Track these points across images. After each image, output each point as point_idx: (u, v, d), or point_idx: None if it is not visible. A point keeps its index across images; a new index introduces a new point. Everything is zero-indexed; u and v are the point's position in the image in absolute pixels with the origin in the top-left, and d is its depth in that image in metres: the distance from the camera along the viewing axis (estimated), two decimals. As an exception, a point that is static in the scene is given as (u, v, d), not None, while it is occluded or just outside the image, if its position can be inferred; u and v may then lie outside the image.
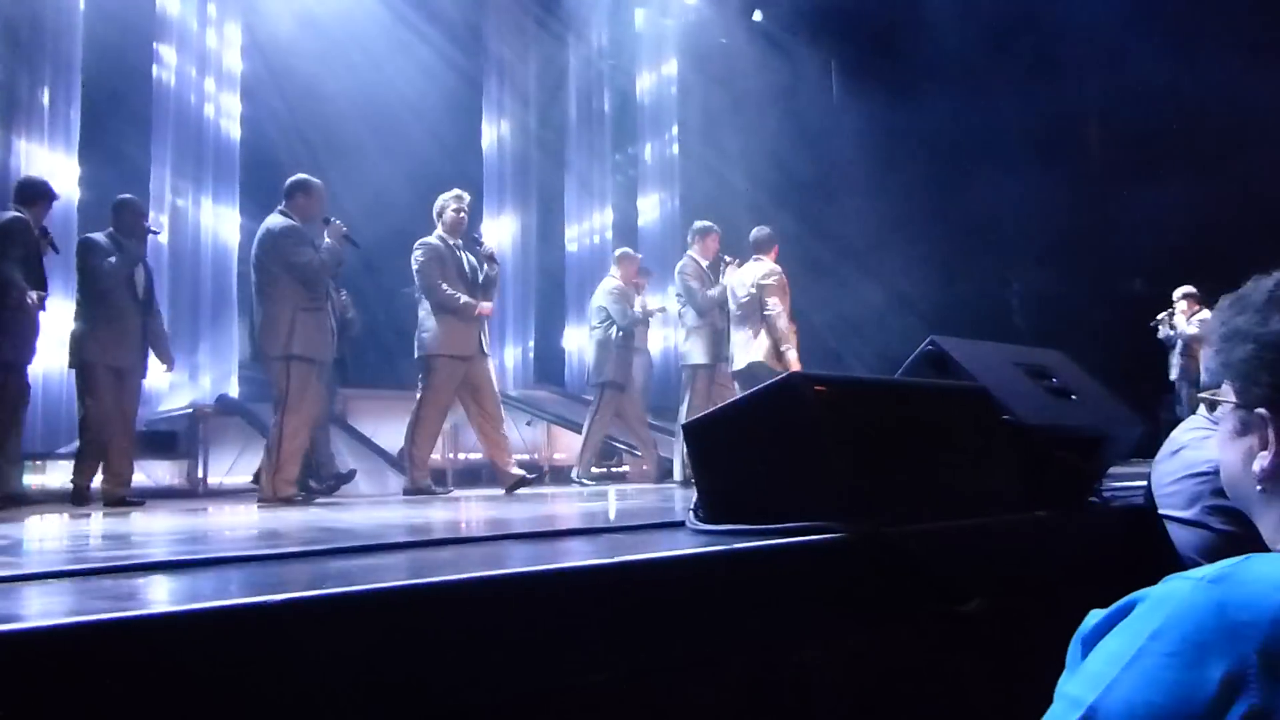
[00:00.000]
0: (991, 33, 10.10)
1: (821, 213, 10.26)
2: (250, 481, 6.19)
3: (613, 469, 9.62)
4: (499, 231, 11.26)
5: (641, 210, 12.84)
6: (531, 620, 1.11)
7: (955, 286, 9.79)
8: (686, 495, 3.63)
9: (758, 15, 12.39)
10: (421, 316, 5.82)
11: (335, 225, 5.51)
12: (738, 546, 1.44)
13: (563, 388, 11.21)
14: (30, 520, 3.88)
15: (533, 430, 9.44)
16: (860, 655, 1.44)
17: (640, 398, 7.68)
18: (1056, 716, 0.84)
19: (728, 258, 7.17)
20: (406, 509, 3.95)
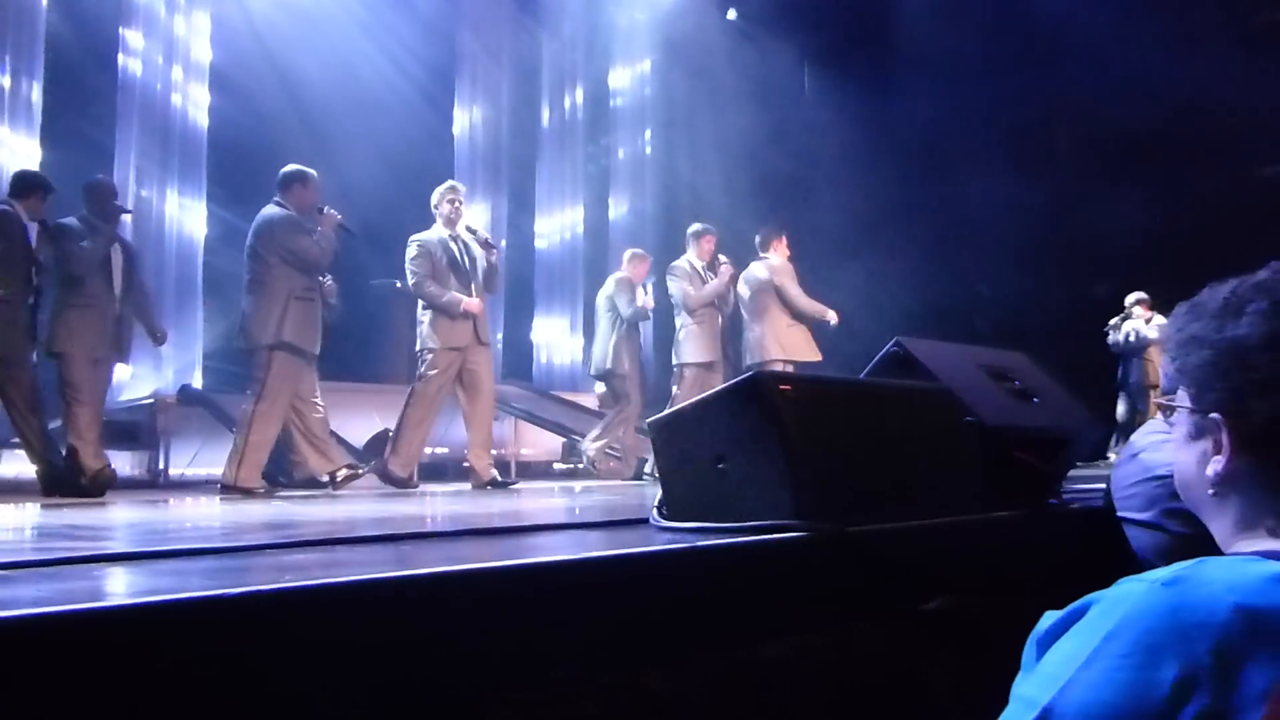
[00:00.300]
0: (967, 32, 10.18)
1: (794, 211, 10.28)
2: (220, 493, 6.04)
3: (580, 465, 9.60)
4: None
5: (613, 206, 12.82)
6: (491, 616, 1.10)
7: (923, 286, 9.86)
8: (654, 493, 3.63)
9: (732, 14, 12.41)
10: (419, 311, 5.84)
11: (330, 214, 5.47)
12: (701, 544, 1.44)
13: (530, 382, 11.17)
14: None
15: (499, 425, 9.39)
16: (821, 653, 1.44)
17: (641, 396, 7.72)
18: (1012, 717, 0.84)
19: (723, 258, 7.28)
20: (370, 503, 3.92)
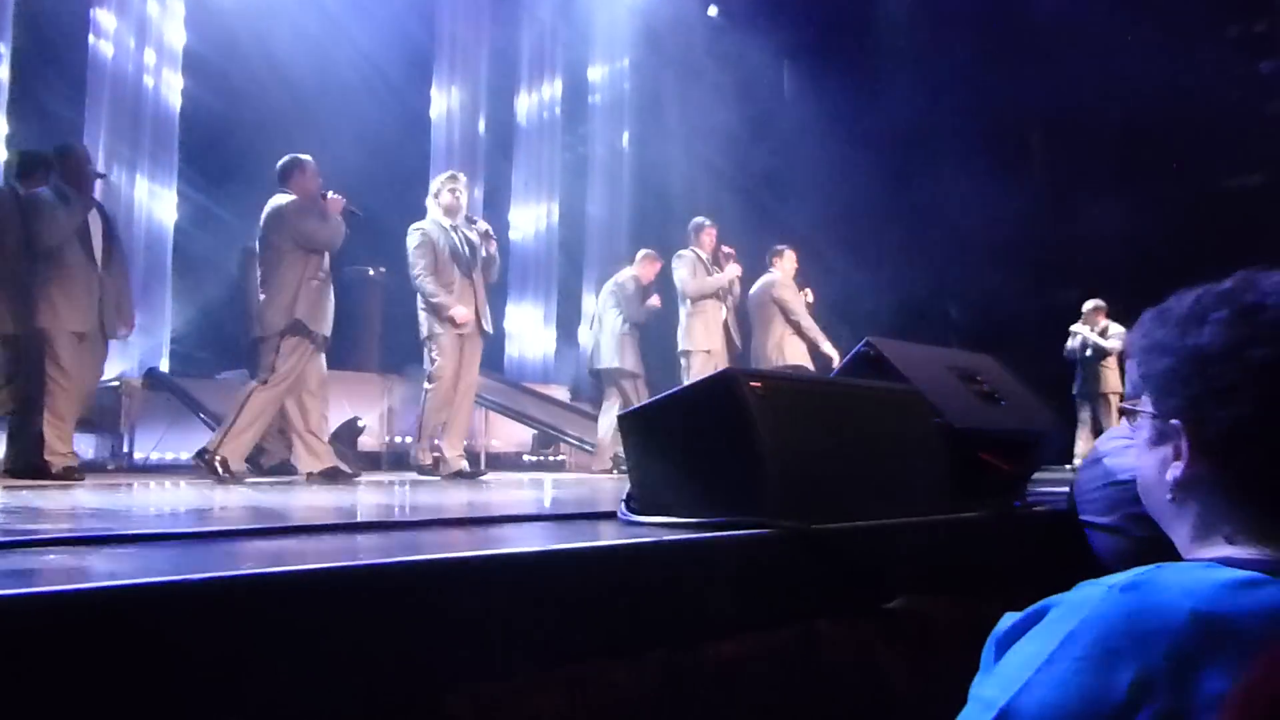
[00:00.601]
0: (946, 33, 10.24)
1: (771, 207, 10.32)
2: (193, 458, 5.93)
3: (550, 458, 9.60)
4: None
5: (589, 199, 12.79)
6: (453, 608, 1.09)
7: (897, 286, 9.92)
8: (622, 487, 3.63)
9: (713, 10, 12.41)
10: (420, 299, 5.88)
11: (335, 199, 5.47)
12: (667, 539, 1.44)
13: (501, 374, 11.13)
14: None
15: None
16: (784, 650, 1.45)
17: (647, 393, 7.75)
18: (970, 717, 0.85)
19: (726, 248, 7.40)
20: (336, 493, 3.90)
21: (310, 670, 0.96)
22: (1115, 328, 9.20)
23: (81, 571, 1.16)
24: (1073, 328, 9.45)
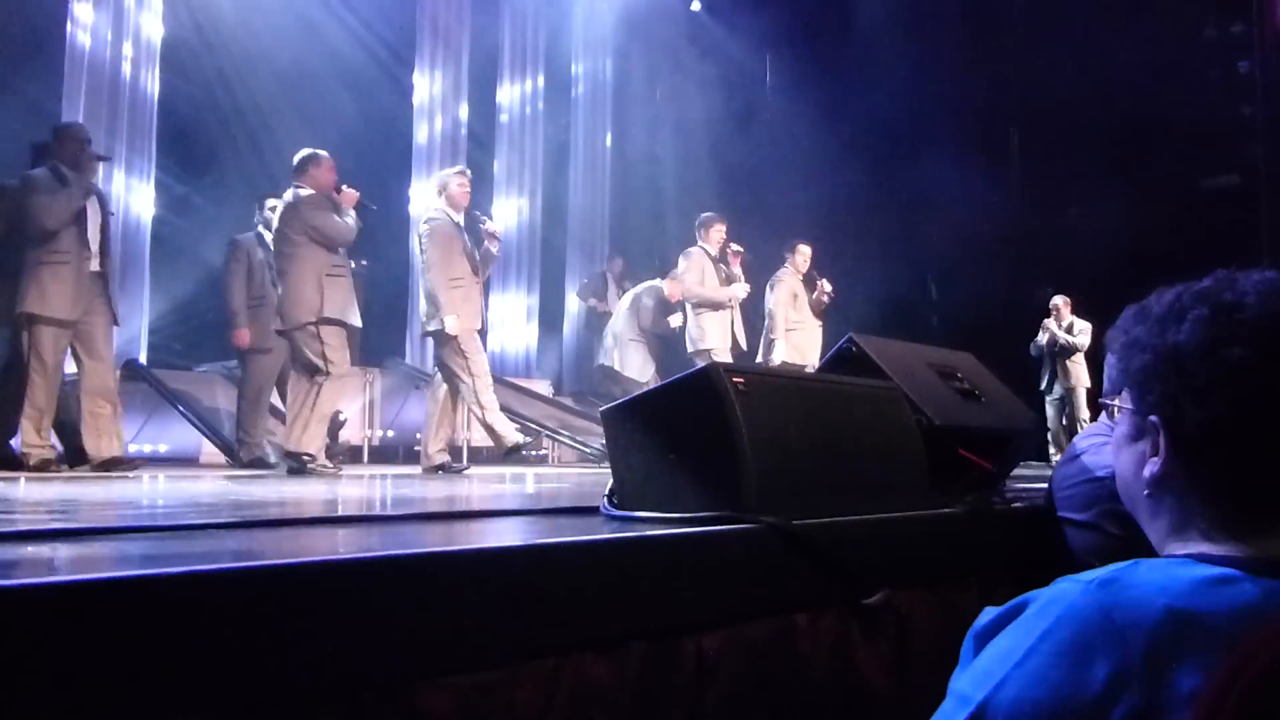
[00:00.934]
0: (929, 27, 10.26)
1: (752, 200, 10.32)
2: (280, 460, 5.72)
3: (532, 453, 9.57)
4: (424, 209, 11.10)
5: (571, 191, 12.76)
6: (432, 601, 1.09)
7: (878, 281, 9.95)
8: (605, 481, 3.63)
9: (696, 4, 12.40)
10: (425, 290, 5.82)
11: (349, 193, 5.49)
12: (648, 534, 1.44)
13: (484, 368, 11.09)
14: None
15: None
16: (761, 644, 1.45)
17: None
18: (948, 712, 0.86)
19: (734, 246, 7.28)
20: (317, 485, 3.88)
21: (288, 664, 0.96)
22: (1081, 323, 9.29)
23: (54, 564, 1.15)
24: (1044, 324, 9.53)
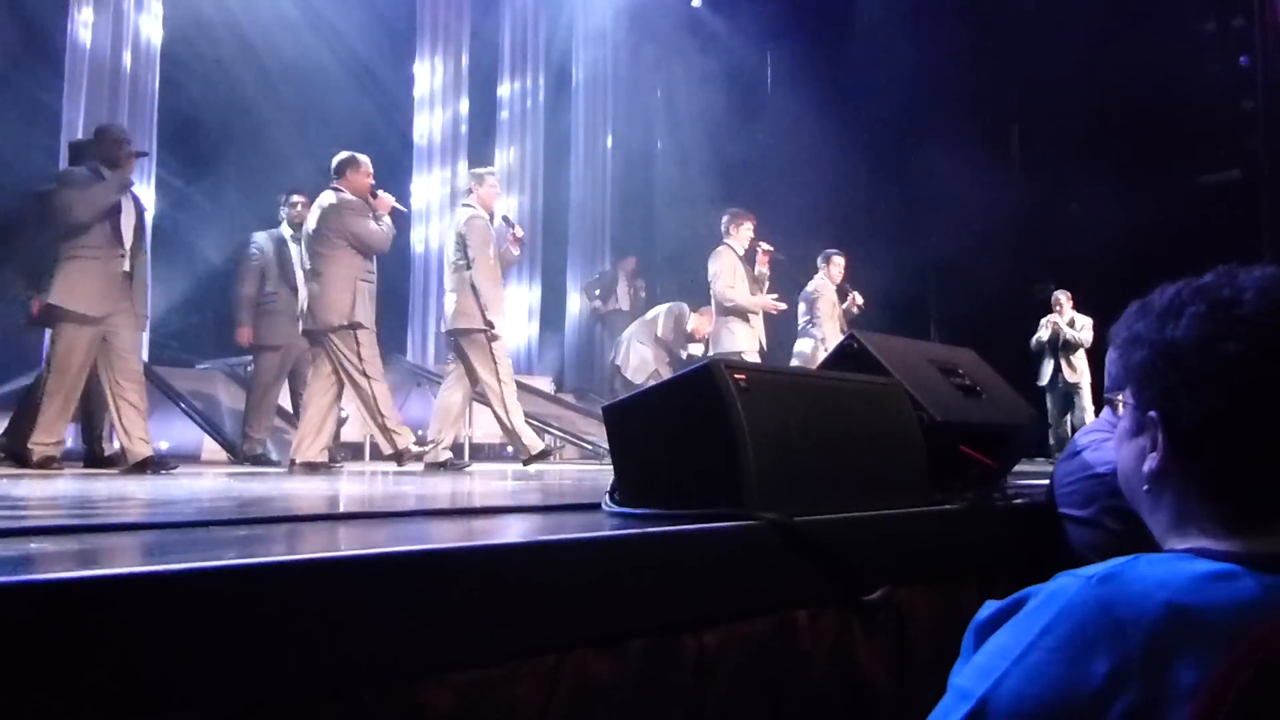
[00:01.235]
0: (930, 23, 10.24)
1: (755, 196, 10.31)
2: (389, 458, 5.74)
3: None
4: (425, 205, 11.11)
5: (573, 186, 12.76)
6: (434, 598, 1.09)
7: (882, 276, 9.94)
8: (607, 478, 3.63)
9: (696, 1, 12.39)
10: (452, 285, 5.89)
11: (384, 198, 5.51)
12: (650, 530, 1.44)
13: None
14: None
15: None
16: (762, 641, 1.46)
17: None
18: (948, 707, 0.86)
19: (764, 245, 7.11)
20: (320, 482, 3.89)
21: (289, 660, 0.96)
22: (1081, 318, 9.26)
23: (55, 561, 1.15)
24: (1045, 319, 9.51)
